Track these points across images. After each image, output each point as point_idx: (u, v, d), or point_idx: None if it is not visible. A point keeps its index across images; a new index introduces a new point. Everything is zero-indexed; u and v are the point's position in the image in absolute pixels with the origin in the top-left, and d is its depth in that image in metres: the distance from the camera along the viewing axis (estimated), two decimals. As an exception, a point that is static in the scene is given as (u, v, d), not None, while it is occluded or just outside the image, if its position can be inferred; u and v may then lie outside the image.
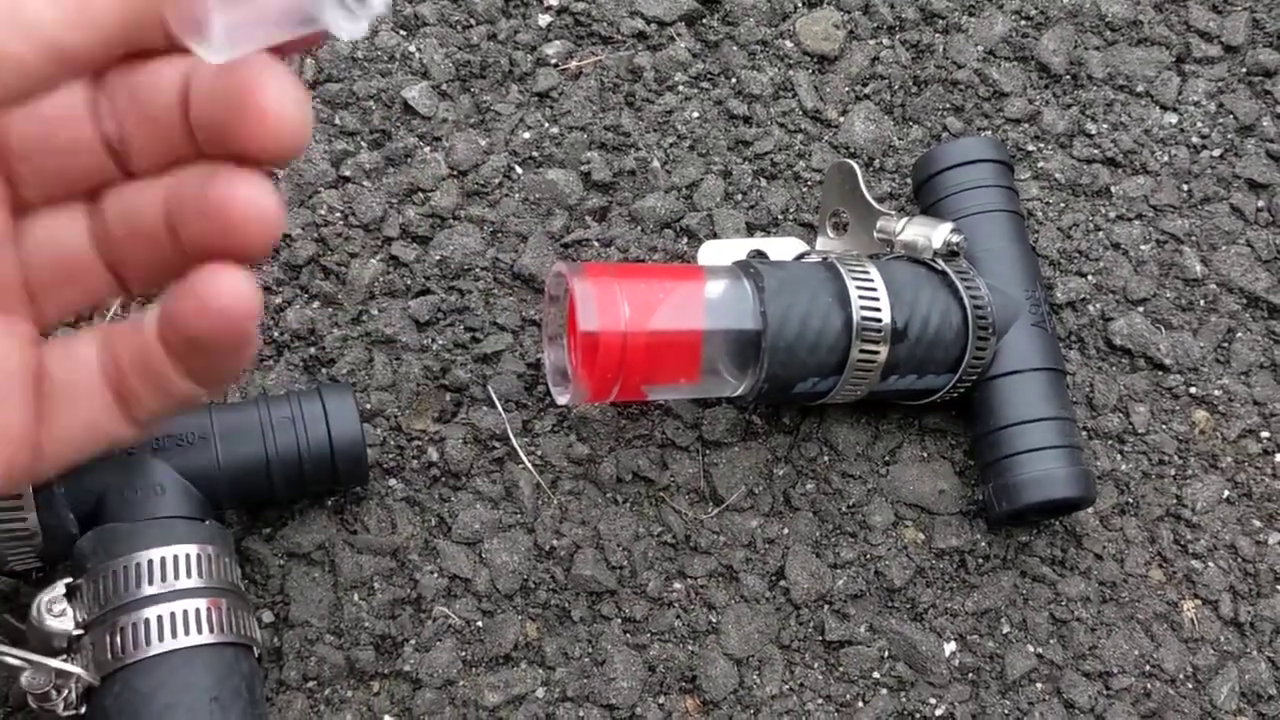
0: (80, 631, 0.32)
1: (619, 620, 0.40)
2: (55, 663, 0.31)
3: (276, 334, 0.42)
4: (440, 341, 0.42)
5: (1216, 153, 0.48)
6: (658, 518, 0.41)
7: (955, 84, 0.49)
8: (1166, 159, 0.48)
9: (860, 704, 0.39)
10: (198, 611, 0.33)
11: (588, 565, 0.40)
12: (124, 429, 0.26)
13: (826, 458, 0.43)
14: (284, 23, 0.22)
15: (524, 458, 0.41)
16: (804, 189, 0.47)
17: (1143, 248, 0.47)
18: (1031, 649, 0.41)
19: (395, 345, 0.42)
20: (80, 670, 0.31)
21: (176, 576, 0.33)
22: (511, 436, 0.41)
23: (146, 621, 0.32)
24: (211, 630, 0.33)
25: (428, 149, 0.45)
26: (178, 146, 0.24)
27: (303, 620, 0.38)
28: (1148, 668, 0.41)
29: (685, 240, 0.45)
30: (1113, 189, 0.48)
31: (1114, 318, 0.46)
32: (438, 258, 0.43)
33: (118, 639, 0.31)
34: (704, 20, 0.49)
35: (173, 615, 0.32)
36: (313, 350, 0.42)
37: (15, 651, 0.32)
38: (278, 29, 0.22)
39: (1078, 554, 0.42)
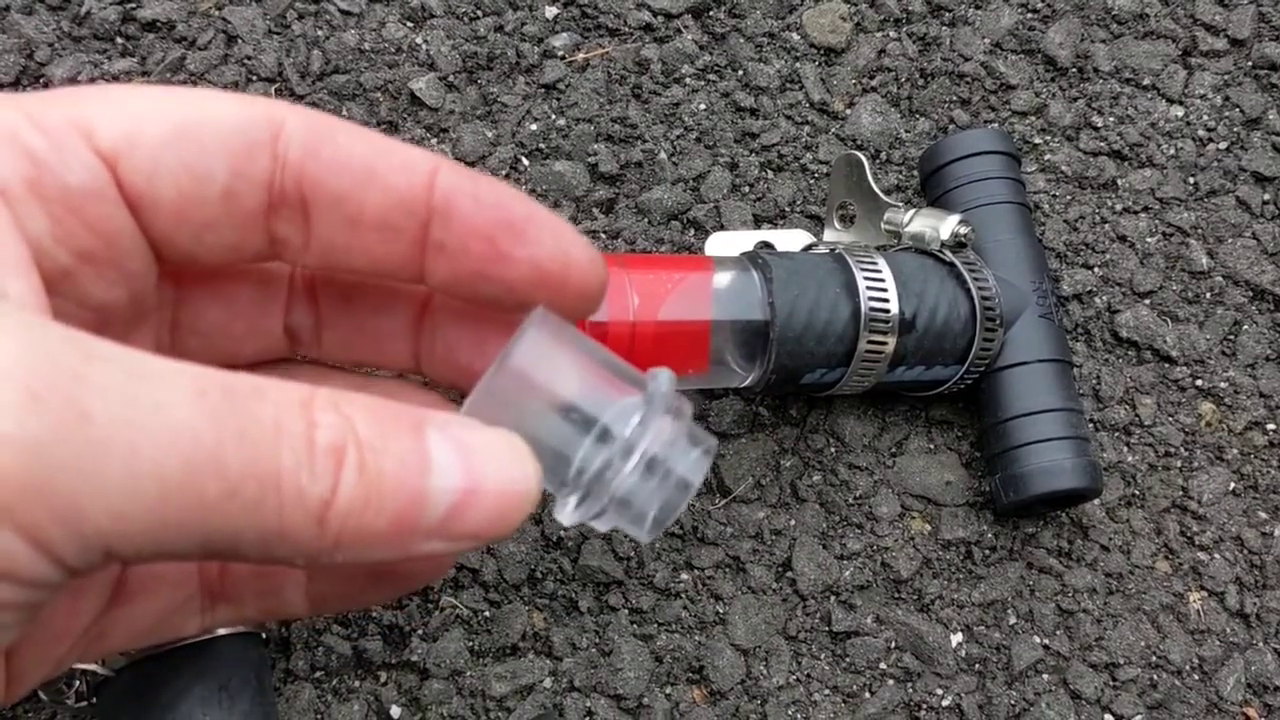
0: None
1: (626, 611, 0.40)
2: (66, 655, 0.31)
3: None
4: (447, 333, 0.43)
5: (1223, 146, 0.48)
6: (665, 509, 0.41)
7: (962, 76, 0.49)
8: (1173, 152, 0.48)
9: (867, 694, 0.39)
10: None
11: (595, 556, 0.40)
12: (196, 626, 0.25)
13: (833, 449, 0.43)
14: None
15: (531, 449, 0.41)
16: (811, 181, 0.47)
17: (1149, 240, 0.47)
18: (1038, 640, 0.41)
19: (402, 336, 0.42)
20: (92, 664, 0.31)
21: (186, 566, 0.33)
22: (519, 427, 0.41)
23: (155, 612, 0.32)
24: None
25: (435, 140, 0.45)
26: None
27: (311, 610, 0.38)
28: (1154, 659, 0.41)
29: (692, 232, 0.45)
30: (1119, 182, 0.48)
31: (1120, 310, 0.46)
32: (445, 249, 0.43)
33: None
34: (711, 13, 0.49)
35: (180, 606, 0.32)
36: (320, 341, 0.42)
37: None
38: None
39: (1084, 545, 0.42)
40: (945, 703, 0.40)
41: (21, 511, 0.15)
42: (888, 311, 0.38)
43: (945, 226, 0.40)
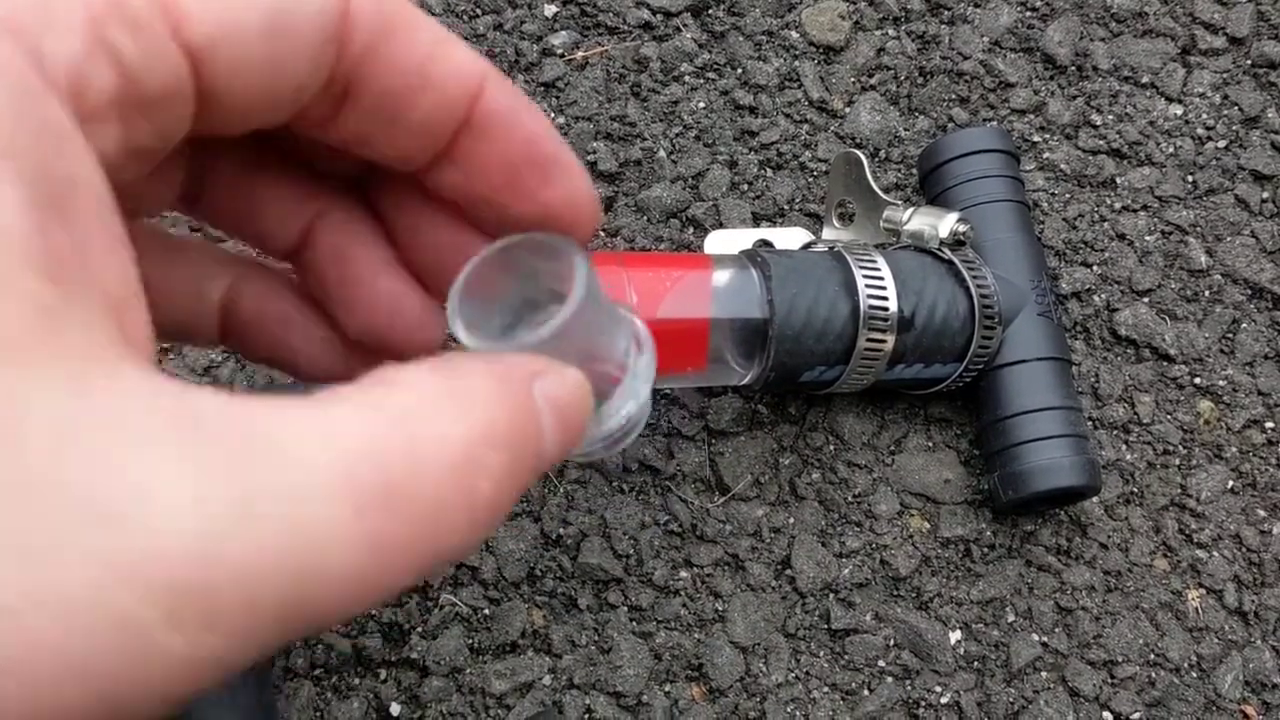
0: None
1: (625, 608, 0.40)
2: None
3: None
4: (446, 331, 0.43)
5: (1221, 144, 0.49)
6: (664, 506, 0.41)
7: (961, 75, 0.49)
8: (1171, 150, 0.48)
9: (866, 692, 0.40)
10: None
11: (594, 553, 0.40)
12: (215, 338, 0.24)
13: (832, 447, 0.43)
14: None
15: (530, 446, 0.41)
16: (810, 179, 0.47)
17: (1148, 239, 0.47)
18: (1036, 638, 0.41)
19: (402, 334, 0.42)
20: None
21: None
22: (518, 425, 0.41)
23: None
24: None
25: (434, 139, 0.45)
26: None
27: (310, 608, 0.38)
28: (1152, 656, 0.41)
29: (691, 230, 0.45)
30: (1118, 180, 0.48)
31: (1119, 308, 0.46)
32: (444, 247, 0.43)
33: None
34: (710, 11, 0.49)
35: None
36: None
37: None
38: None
39: (1083, 543, 0.42)
40: (944, 700, 0.40)
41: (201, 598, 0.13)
42: (886, 309, 0.38)
43: (944, 224, 0.40)
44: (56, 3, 0.15)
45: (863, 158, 0.42)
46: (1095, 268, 0.46)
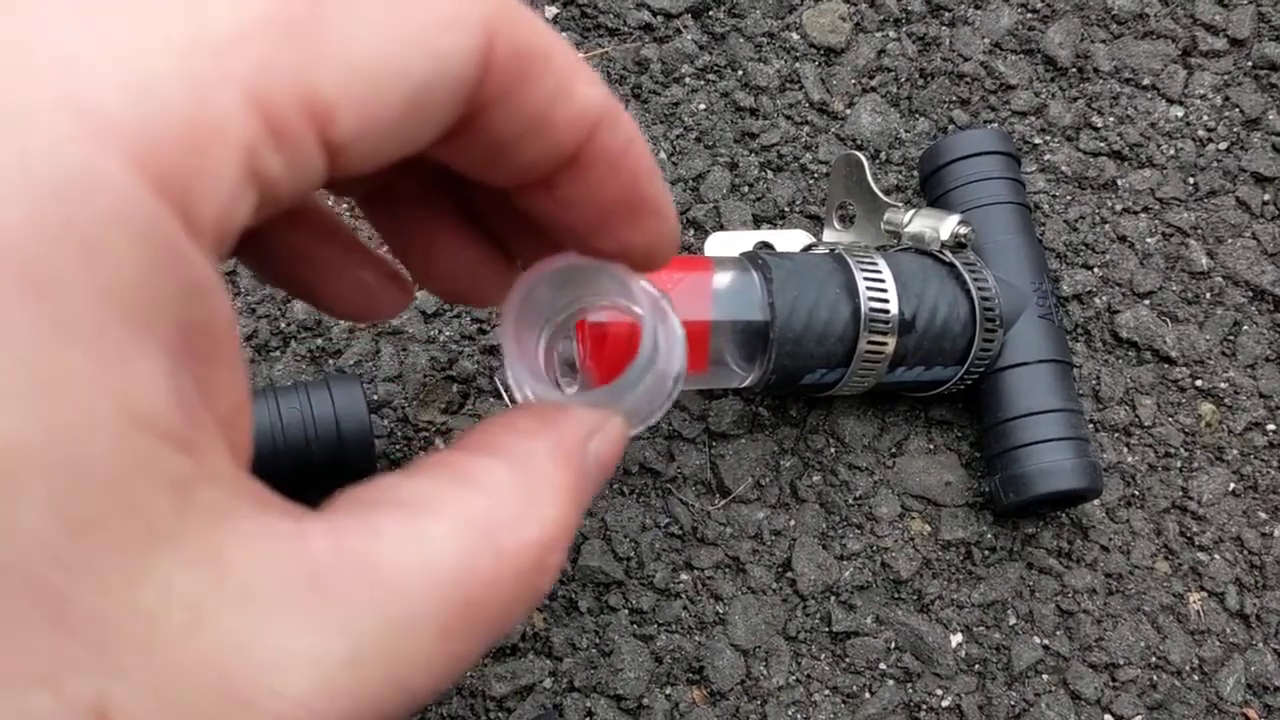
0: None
1: (626, 611, 0.40)
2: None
3: (283, 325, 0.42)
4: (447, 333, 0.42)
5: (1222, 146, 0.48)
6: (665, 509, 0.41)
7: (961, 76, 0.49)
8: (1172, 152, 0.48)
9: (867, 695, 0.39)
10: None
11: (595, 556, 0.40)
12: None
13: (833, 449, 0.43)
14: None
15: (531, 449, 0.41)
16: (810, 181, 0.47)
17: (1149, 240, 0.47)
18: (1038, 640, 0.41)
19: (402, 336, 0.42)
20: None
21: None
22: (518, 428, 0.41)
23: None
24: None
25: (434, 140, 0.45)
26: None
27: (310, 611, 0.38)
28: (1154, 659, 0.41)
29: (692, 232, 0.45)
30: (1119, 182, 0.48)
31: (1120, 310, 0.46)
32: (444, 249, 0.43)
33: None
34: (710, 12, 0.49)
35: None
36: (320, 341, 0.42)
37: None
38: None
39: (1084, 546, 0.42)
40: (945, 703, 0.40)
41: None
42: (887, 312, 0.38)
43: (945, 227, 0.40)
44: (211, 141, 0.14)
45: (863, 160, 0.42)
46: (1096, 270, 0.46)
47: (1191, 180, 0.48)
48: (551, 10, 0.48)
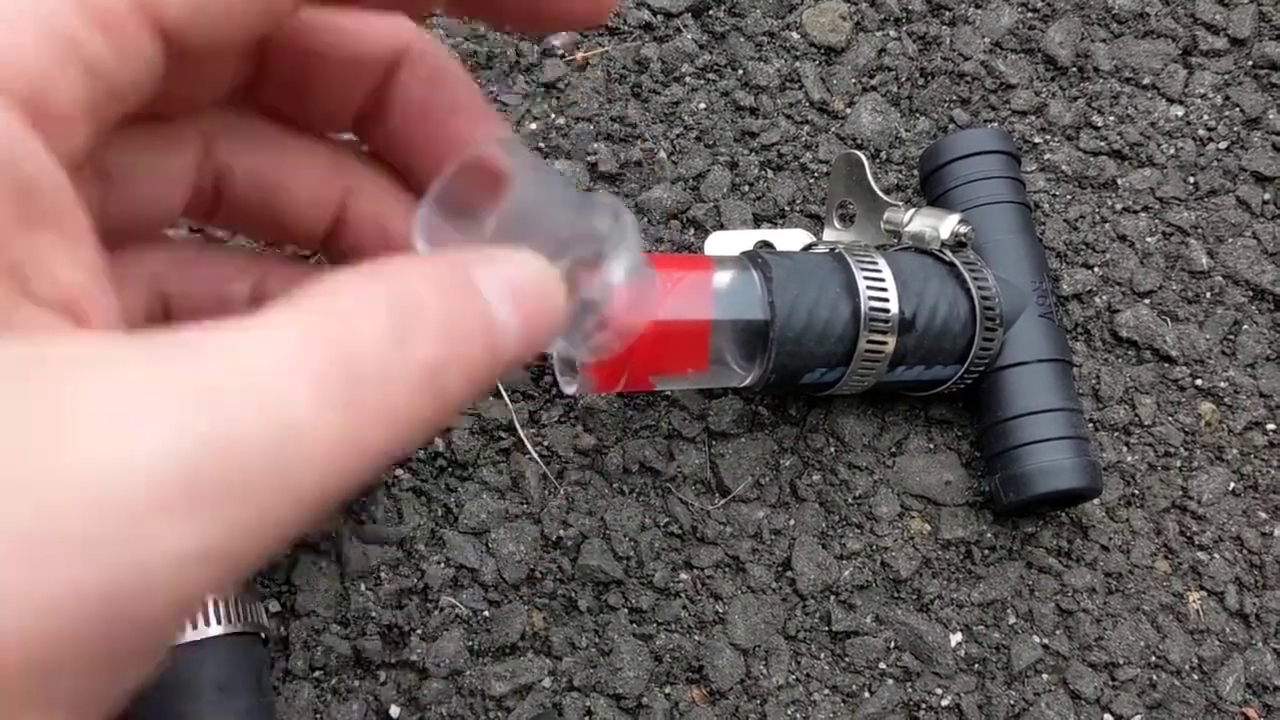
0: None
1: (626, 610, 0.40)
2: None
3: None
4: (447, 332, 0.42)
5: (1223, 145, 0.48)
6: (664, 508, 0.41)
7: (962, 76, 0.49)
8: (1173, 151, 0.48)
9: (866, 694, 0.39)
10: (204, 604, 0.33)
11: (594, 555, 0.40)
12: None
13: (833, 449, 0.43)
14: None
15: (531, 448, 0.41)
16: (811, 180, 0.47)
17: (1149, 240, 0.47)
18: (1037, 640, 0.41)
19: (402, 335, 0.42)
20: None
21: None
22: (518, 427, 0.41)
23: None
24: (220, 621, 0.33)
25: (434, 139, 0.45)
26: None
27: (309, 610, 0.38)
28: (1153, 659, 0.41)
29: (692, 231, 0.45)
30: (1119, 181, 0.48)
31: (1120, 310, 0.46)
32: (444, 248, 0.43)
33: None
34: (710, 12, 0.49)
35: (179, 606, 0.32)
36: (319, 340, 0.42)
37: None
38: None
39: (1084, 545, 0.42)
40: (945, 702, 0.40)
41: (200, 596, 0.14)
42: (887, 311, 0.38)
43: (945, 226, 0.40)
44: (19, 17, 0.16)
45: (864, 159, 0.42)
46: (1096, 269, 0.46)
47: (1192, 179, 0.48)
48: (551, 9, 0.48)
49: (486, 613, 0.39)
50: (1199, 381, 0.45)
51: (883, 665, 0.40)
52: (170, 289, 0.22)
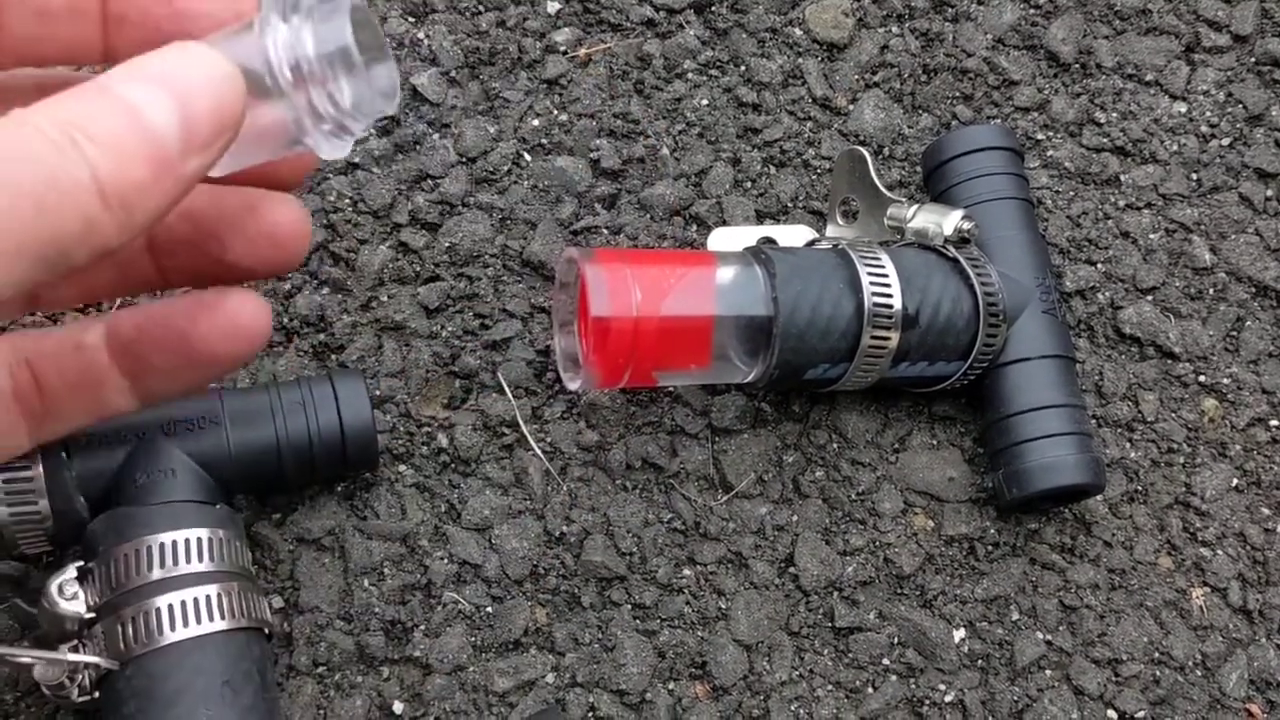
0: (92, 615, 0.32)
1: (629, 606, 0.40)
2: (70, 656, 0.31)
3: (286, 320, 0.42)
4: (450, 328, 0.42)
5: (1225, 142, 0.48)
6: (667, 504, 0.41)
7: (965, 72, 0.49)
8: (1175, 148, 0.48)
9: (870, 690, 0.39)
10: (208, 598, 0.32)
11: (597, 551, 0.40)
12: (26, 446, 0.28)
13: (836, 445, 0.43)
14: (275, 146, 0.24)
15: (534, 444, 0.41)
16: (813, 177, 0.47)
17: (1152, 236, 0.47)
18: (1041, 636, 0.41)
19: (405, 332, 0.42)
20: (97, 659, 0.31)
21: (188, 561, 0.33)
22: (521, 423, 0.41)
23: (158, 610, 0.32)
24: (223, 616, 0.33)
25: (437, 136, 0.45)
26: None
27: (313, 606, 0.38)
28: (1157, 655, 0.41)
29: (695, 228, 0.45)
30: (1122, 178, 0.48)
31: (1123, 306, 0.46)
32: (447, 245, 0.43)
33: (130, 628, 0.31)
34: (713, 8, 0.49)
35: (183, 604, 0.32)
36: (322, 336, 0.42)
37: (29, 651, 0.31)
38: (269, 150, 0.25)
39: (1087, 541, 0.42)
40: (948, 699, 0.40)
41: None
42: (891, 307, 0.38)
43: (948, 222, 0.40)
44: None
45: (867, 155, 0.42)
46: (1099, 265, 0.46)
47: (1194, 176, 0.48)
48: (554, 6, 0.48)
49: (490, 609, 0.39)
50: (1202, 378, 0.45)
51: (886, 661, 0.40)
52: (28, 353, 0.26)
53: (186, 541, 0.33)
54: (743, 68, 0.48)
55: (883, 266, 0.39)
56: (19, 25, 0.24)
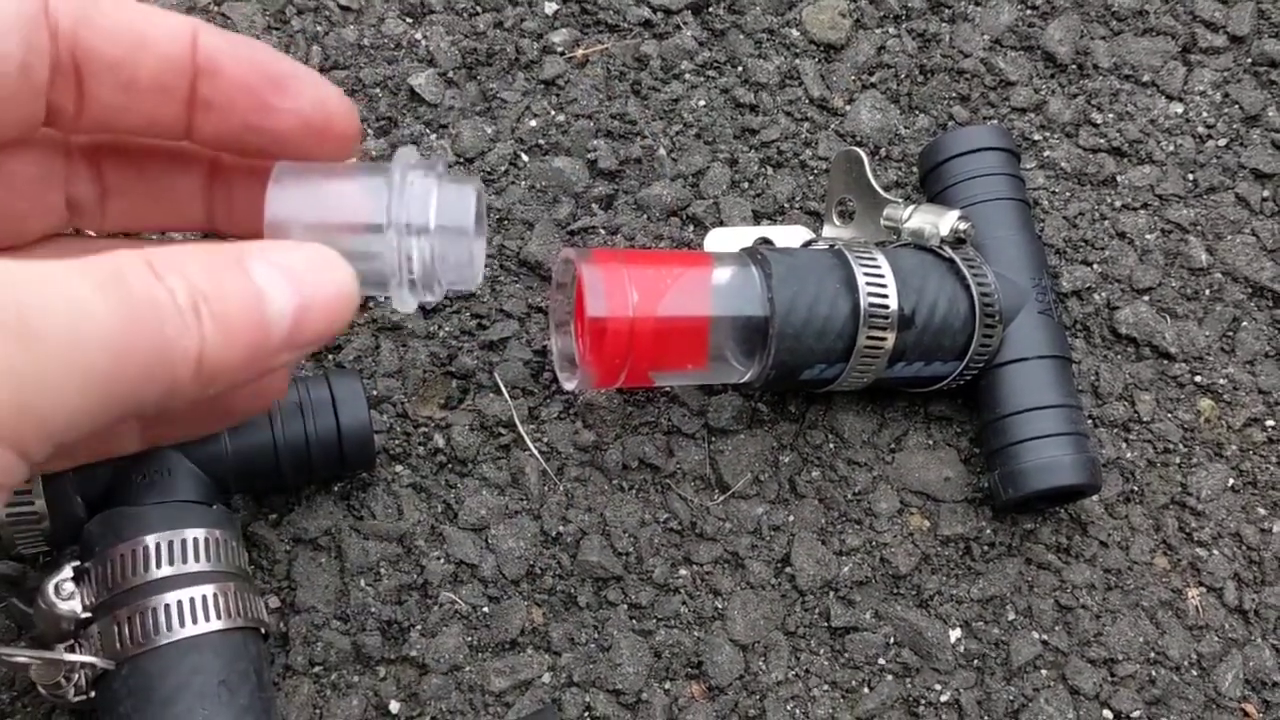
0: (88, 615, 0.32)
1: (625, 606, 0.40)
2: (66, 655, 0.31)
3: (283, 320, 0.42)
4: (447, 328, 0.43)
5: (1222, 142, 0.48)
6: (664, 504, 0.41)
7: (961, 73, 0.49)
8: (1172, 149, 0.48)
9: (866, 690, 0.39)
10: (204, 598, 0.33)
11: (594, 551, 0.40)
12: (26, 474, 0.29)
13: (832, 445, 0.43)
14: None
15: (530, 444, 0.41)
16: (810, 177, 0.47)
17: (1148, 237, 0.47)
18: (1036, 636, 0.41)
19: (402, 332, 0.42)
20: (93, 659, 0.31)
21: (185, 560, 0.33)
22: (518, 423, 0.41)
23: (155, 610, 0.32)
24: (220, 616, 0.33)
25: (434, 136, 0.45)
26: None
27: (309, 606, 0.38)
28: (1152, 655, 0.41)
29: (691, 228, 0.45)
30: (1118, 178, 0.48)
31: (1119, 306, 0.46)
32: (444, 245, 0.43)
33: (127, 628, 0.31)
34: (710, 9, 0.49)
35: (180, 603, 0.32)
36: (319, 337, 0.42)
37: (25, 651, 0.31)
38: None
39: (1083, 541, 0.42)
40: (944, 698, 0.40)
41: (11, 431, 0.17)
42: (887, 307, 0.38)
43: (945, 222, 0.40)
44: None
45: (863, 156, 0.42)
46: (1096, 266, 0.46)
47: (1191, 177, 0.48)
48: (551, 7, 0.48)
49: (486, 608, 0.39)
50: (1198, 378, 0.45)
51: (882, 661, 0.40)
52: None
53: (183, 541, 0.33)
54: (740, 68, 0.48)
55: (879, 267, 0.39)
56: (105, 94, 0.24)
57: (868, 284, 0.38)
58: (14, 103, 0.22)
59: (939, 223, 0.40)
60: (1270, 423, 0.45)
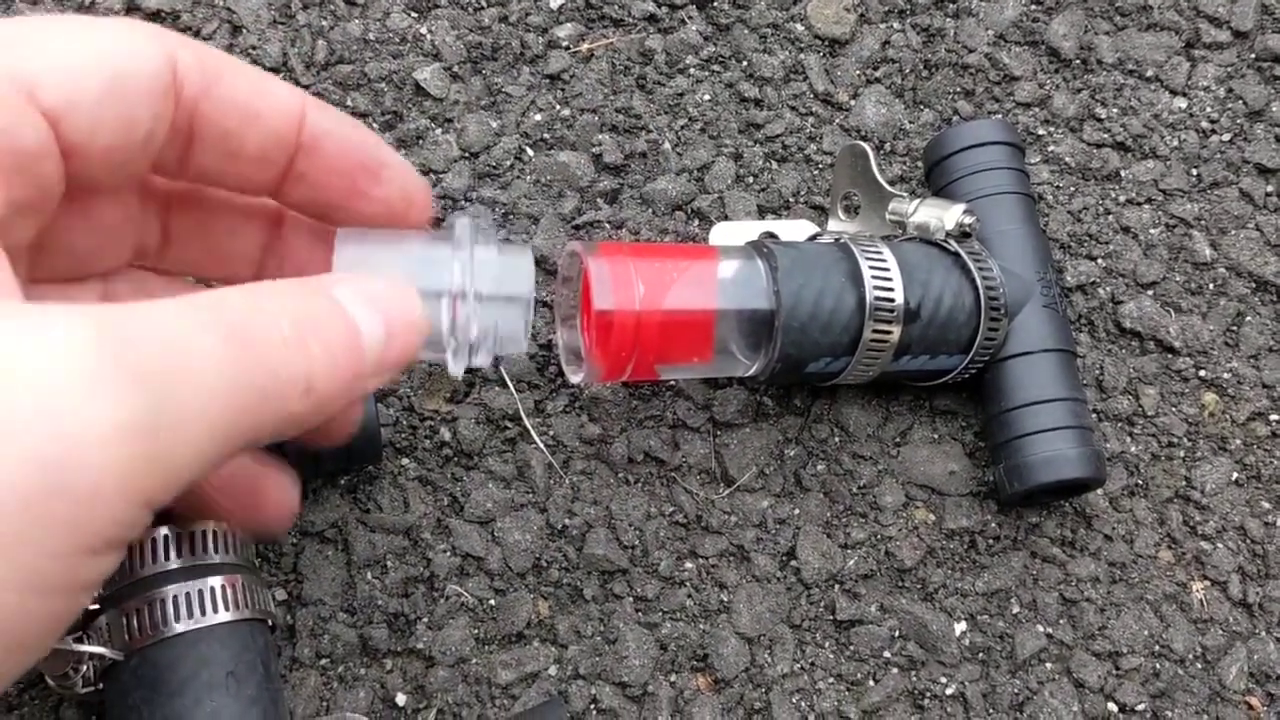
0: (96, 606, 0.32)
1: (631, 599, 0.40)
2: (75, 646, 0.31)
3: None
4: (452, 322, 0.43)
5: (1226, 137, 0.49)
6: (669, 498, 0.41)
7: (966, 68, 0.49)
8: (1176, 143, 0.48)
9: (871, 683, 0.40)
10: (213, 590, 0.33)
11: (600, 544, 0.40)
12: None
13: (837, 439, 0.43)
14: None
15: (536, 438, 0.41)
16: (815, 172, 0.47)
17: (1152, 231, 0.47)
18: (1041, 629, 0.41)
19: (407, 326, 0.42)
20: (102, 649, 0.31)
21: (193, 553, 0.33)
22: (524, 416, 0.41)
23: (163, 601, 0.32)
24: (228, 608, 0.33)
25: (439, 131, 0.45)
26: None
27: (316, 598, 0.38)
28: (1157, 648, 0.41)
29: (696, 222, 0.45)
30: (1123, 173, 0.48)
31: (1124, 301, 0.46)
32: (450, 239, 0.44)
33: (135, 619, 0.32)
34: (715, 3, 0.49)
35: (188, 595, 0.32)
36: (325, 330, 0.42)
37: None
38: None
39: (1087, 535, 0.42)
40: (949, 691, 0.40)
41: (143, 484, 0.17)
42: (893, 301, 0.38)
43: (950, 216, 0.40)
44: None
45: (868, 150, 0.42)
46: (1100, 260, 0.46)
47: (1195, 172, 0.48)
48: (557, 1, 0.48)
49: (492, 601, 0.39)
50: (1202, 372, 0.45)
51: (887, 654, 0.40)
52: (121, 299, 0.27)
53: (191, 534, 0.33)
54: (744, 63, 0.48)
55: (884, 260, 0.39)
56: (210, 159, 0.25)
57: (873, 277, 0.38)
58: (130, 163, 0.23)
59: (944, 216, 0.40)
60: (1274, 417, 0.45)
